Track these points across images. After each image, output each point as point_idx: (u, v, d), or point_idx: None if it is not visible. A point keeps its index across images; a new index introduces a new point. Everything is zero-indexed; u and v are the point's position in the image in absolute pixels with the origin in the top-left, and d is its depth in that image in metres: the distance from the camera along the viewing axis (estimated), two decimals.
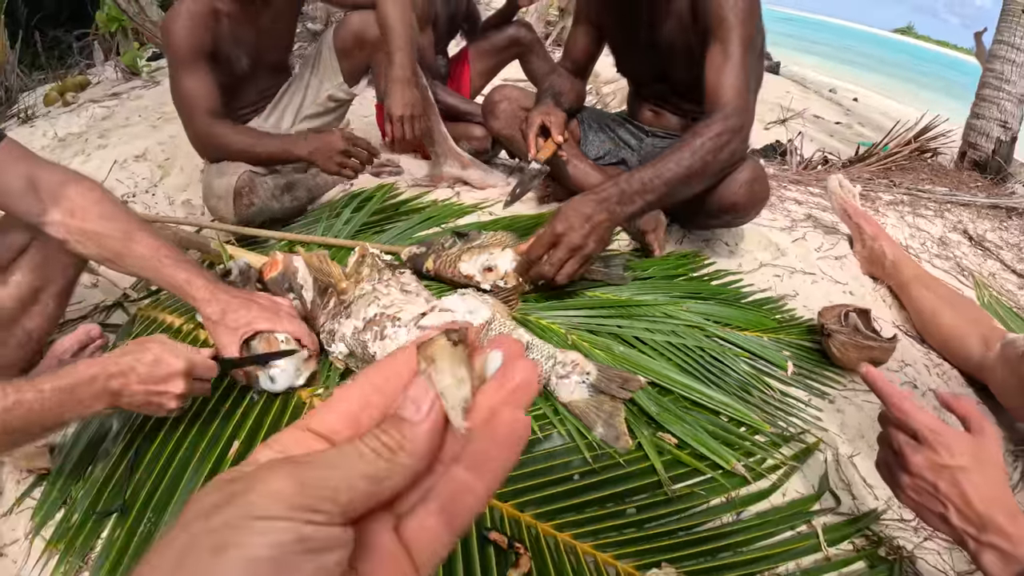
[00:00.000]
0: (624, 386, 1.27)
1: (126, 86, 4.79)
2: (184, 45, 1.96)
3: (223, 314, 1.26)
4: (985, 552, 0.85)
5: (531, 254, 1.55)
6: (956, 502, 0.87)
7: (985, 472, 0.87)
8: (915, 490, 0.90)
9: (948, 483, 0.87)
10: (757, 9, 1.78)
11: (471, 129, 2.62)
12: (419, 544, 0.30)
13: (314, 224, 2.00)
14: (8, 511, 1.18)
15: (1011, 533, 0.84)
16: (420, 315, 1.29)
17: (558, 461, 1.17)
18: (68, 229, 1.25)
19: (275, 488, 0.27)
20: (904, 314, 1.96)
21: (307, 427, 0.31)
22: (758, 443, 1.28)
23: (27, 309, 1.37)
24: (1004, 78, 4.63)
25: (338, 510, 0.28)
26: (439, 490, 0.31)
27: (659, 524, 1.09)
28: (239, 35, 2.08)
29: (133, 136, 3.31)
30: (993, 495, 0.86)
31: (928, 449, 0.89)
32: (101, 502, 1.13)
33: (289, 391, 1.29)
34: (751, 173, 1.82)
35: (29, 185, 1.23)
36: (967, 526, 0.86)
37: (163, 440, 1.22)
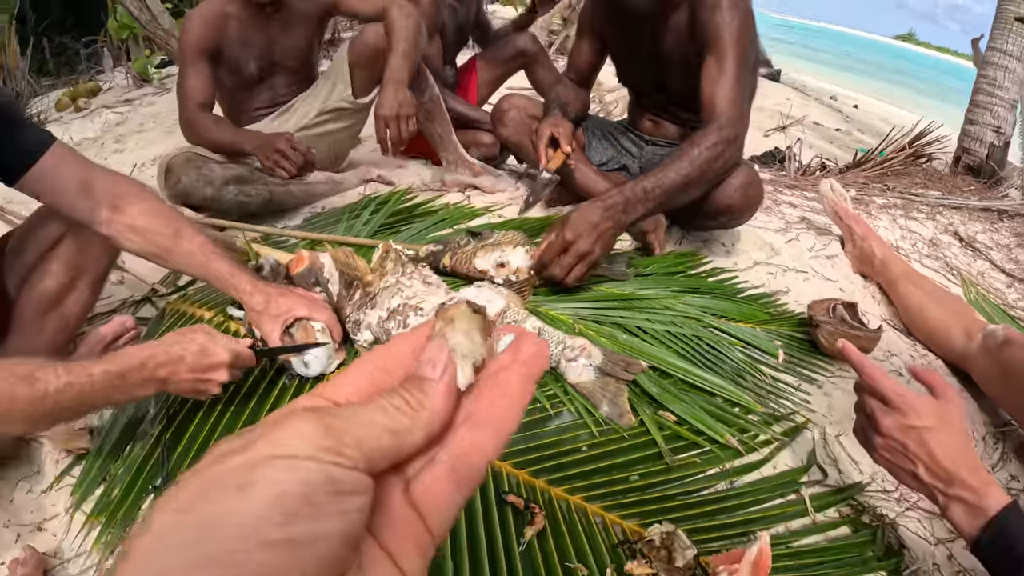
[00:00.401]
0: (627, 369, 1.39)
1: (138, 92, 4.92)
2: (190, 42, 2.18)
3: (266, 304, 1.37)
4: (952, 505, 0.96)
5: (544, 259, 1.67)
6: (924, 460, 0.98)
7: (949, 432, 0.98)
8: (887, 450, 1.02)
9: (916, 442, 0.98)
10: (751, 26, 1.90)
11: (480, 136, 2.74)
12: (430, 505, 0.31)
13: (334, 224, 2.12)
14: (48, 488, 1.27)
15: (975, 487, 0.95)
16: (440, 305, 1.41)
17: (568, 435, 1.28)
18: (119, 227, 1.35)
19: (304, 430, 0.27)
20: (892, 309, 2.06)
21: (322, 394, 0.32)
22: (751, 422, 1.40)
23: (64, 297, 1.45)
24: (997, 84, 4.73)
25: (362, 457, 0.28)
26: (448, 452, 0.32)
27: (660, 490, 1.20)
28: (248, 39, 2.26)
29: (149, 141, 3.44)
30: (957, 453, 0.97)
31: (897, 412, 1.00)
32: (141, 479, 1.23)
33: (320, 376, 1.40)
34: (745, 178, 1.94)
35: (83, 185, 1.32)
36: (935, 481, 0.97)
37: (201, 420, 1.32)
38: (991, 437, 1.61)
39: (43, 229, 1.45)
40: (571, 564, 1.04)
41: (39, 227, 1.45)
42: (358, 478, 0.27)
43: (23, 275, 1.44)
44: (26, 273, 1.44)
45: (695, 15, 1.94)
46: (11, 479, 1.29)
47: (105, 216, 1.34)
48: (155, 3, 5.02)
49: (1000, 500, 0.93)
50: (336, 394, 0.32)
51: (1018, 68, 4.73)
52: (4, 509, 1.24)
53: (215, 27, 2.20)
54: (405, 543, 0.30)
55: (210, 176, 2.09)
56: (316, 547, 0.25)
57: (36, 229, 1.45)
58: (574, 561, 1.04)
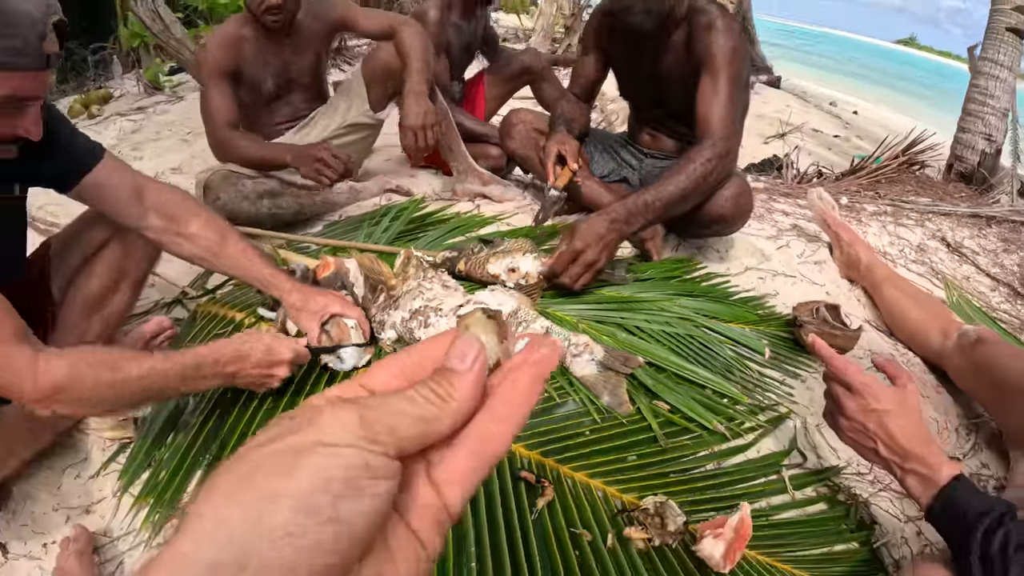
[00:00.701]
0: (626, 364, 1.55)
1: (150, 100, 5.04)
2: (211, 65, 2.32)
3: (305, 301, 1.52)
4: (908, 477, 1.10)
5: (555, 268, 1.83)
6: (883, 438, 1.12)
7: (905, 414, 1.13)
8: (851, 431, 1.17)
9: (876, 423, 1.13)
10: (743, 47, 2.07)
11: (487, 149, 2.89)
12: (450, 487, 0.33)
13: (354, 232, 2.27)
14: (96, 474, 1.39)
15: (928, 462, 1.09)
16: (458, 306, 1.57)
17: (573, 421, 1.44)
18: (167, 232, 1.48)
19: (344, 419, 0.30)
20: (877, 312, 2.21)
21: (360, 383, 0.35)
22: (738, 411, 1.55)
23: (107, 298, 1.57)
24: (989, 93, 4.87)
25: (394, 443, 0.31)
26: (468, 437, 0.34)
27: (655, 468, 1.36)
28: (265, 60, 2.42)
29: (166, 149, 3.57)
30: (912, 432, 1.11)
31: (859, 397, 1.15)
32: (186, 463, 1.35)
33: (353, 370, 1.54)
34: (736, 188, 2.10)
35: (134, 193, 1.46)
36: (893, 456, 1.12)
37: (243, 407, 1.46)
38: (964, 429, 1.76)
39: (88, 234, 1.57)
40: (576, 530, 1.19)
41: (84, 232, 1.57)
42: (388, 463, 0.30)
43: (68, 276, 1.57)
44: (71, 275, 1.57)
45: (692, 36, 2.10)
46: (58, 467, 1.41)
47: (155, 222, 1.48)
48: (167, 13, 5.13)
49: (950, 472, 1.07)
50: (371, 382, 0.35)
51: (1009, 77, 4.88)
52: (53, 494, 1.36)
53: (233, 49, 2.35)
54: (427, 521, 0.33)
55: (244, 191, 2.26)
56: (355, 523, 0.28)
57: (81, 234, 1.58)
58: (579, 528, 1.20)
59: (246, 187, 2.27)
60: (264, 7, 2.29)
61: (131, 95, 5.41)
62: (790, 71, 11.74)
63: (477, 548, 1.14)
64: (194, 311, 1.87)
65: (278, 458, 0.28)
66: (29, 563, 1.25)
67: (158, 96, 5.19)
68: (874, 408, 1.13)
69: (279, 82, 2.51)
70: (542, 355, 0.36)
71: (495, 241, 1.95)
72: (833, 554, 1.30)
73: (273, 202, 2.32)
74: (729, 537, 1.14)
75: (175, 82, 5.59)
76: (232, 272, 1.56)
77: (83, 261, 1.57)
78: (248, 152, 2.33)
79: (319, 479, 0.28)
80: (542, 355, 0.36)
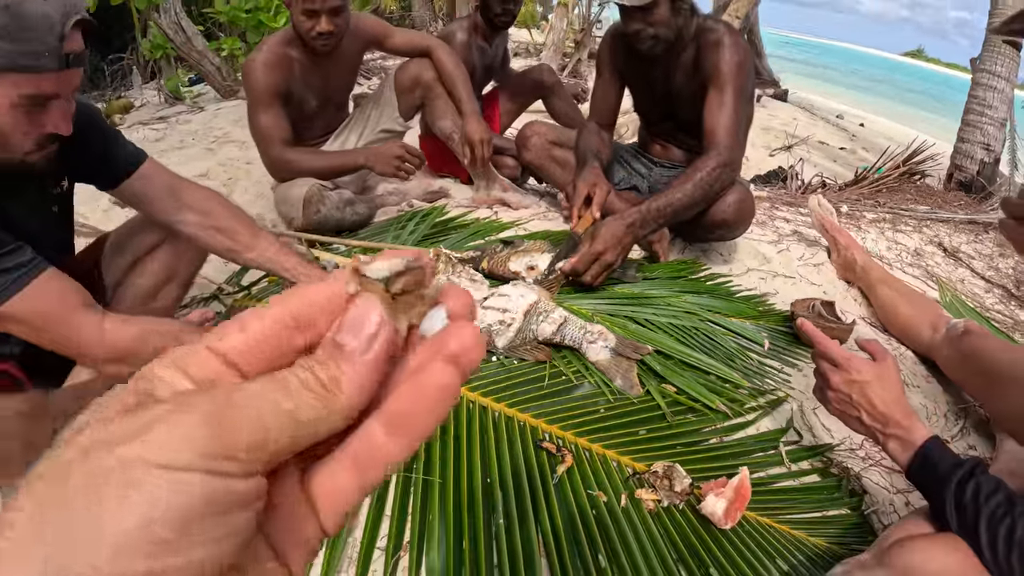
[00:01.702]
0: (636, 351, 1.71)
1: (171, 111, 5.17)
2: (261, 87, 2.40)
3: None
4: (889, 441, 1.23)
5: (578, 267, 1.99)
6: (865, 407, 1.26)
7: (884, 385, 1.26)
8: (837, 401, 1.30)
9: (858, 393, 1.26)
10: (748, 62, 2.22)
11: (503, 160, 3.07)
12: (327, 500, 0.28)
13: (382, 233, 2.44)
14: None
15: (906, 426, 1.21)
16: (483, 298, 1.73)
17: (589, 400, 1.59)
18: (201, 226, 1.62)
19: (188, 432, 0.23)
20: (872, 310, 2.35)
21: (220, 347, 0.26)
22: (740, 394, 1.69)
23: (157, 294, 1.71)
24: (987, 104, 4.99)
25: (260, 458, 0.24)
26: (353, 442, 0.28)
27: (664, 442, 1.51)
28: (308, 80, 2.52)
29: (191, 158, 3.70)
30: (892, 400, 1.24)
31: (843, 370, 1.28)
32: None
33: None
34: (739, 195, 2.25)
35: (171, 191, 1.60)
36: (875, 423, 1.25)
37: None
38: (952, 414, 1.89)
39: (143, 234, 1.71)
40: (593, 492, 1.33)
41: (139, 232, 1.71)
42: (249, 486, 0.24)
43: (121, 273, 1.70)
44: (125, 269, 1.70)
45: (700, 54, 2.26)
46: None
47: (191, 217, 1.61)
48: (189, 25, 5.27)
49: (925, 434, 1.19)
50: (236, 344, 0.26)
51: (1007, 88, 5.00)
52: None
53: (281, 70, 2.43)
54: (295, 539, 0.28)
55: (335, 201, 2.43)
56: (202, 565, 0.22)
57: (135, 234, 1.72)
58: (596, 490, 1.34)
59: (333, 198, 2.42)
60: (316, 32, 2.34)
61: (152, 105, 5.56)
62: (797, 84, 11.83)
63: (504, 506, 1.28)
64: (230, 306, 2.02)
65: (103, 479, 0.22)
66: None
67: (179, 106, 5.33)
68: (856, 379, 1.26)
69: (320, 100, 2.62)
70: (462, 346, 0.28)
71: (515, 242, 2.11)
72: (827, 518, 1.43)
73: (352, 209, 2.49)
74: (730, 496, 1.28)
75: (195, 93, 5.74)
76: (261, 263, 1.70)
77: (135, 260, 1.71)
78: (316, 164, 2.49)
79: (153, 516, 0.21)
80: (462, 346, 0.28)
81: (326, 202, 2.40)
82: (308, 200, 2.37)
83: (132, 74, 6.95)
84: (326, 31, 2.34)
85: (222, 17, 5.36)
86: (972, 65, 5.30)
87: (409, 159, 2.45)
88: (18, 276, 1.20)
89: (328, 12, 2.31)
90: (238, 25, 5.51)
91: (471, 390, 1.58)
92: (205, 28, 6.02)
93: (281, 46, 2.45)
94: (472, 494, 1.30)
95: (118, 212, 2.88)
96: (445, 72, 2.63)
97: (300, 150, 2.53)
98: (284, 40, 2.46)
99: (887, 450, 1.23)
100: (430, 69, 2.66)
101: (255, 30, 5.36)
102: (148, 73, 7.08)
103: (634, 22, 2.22)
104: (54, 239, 1.47)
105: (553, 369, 1.67)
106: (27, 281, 1.20)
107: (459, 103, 2.65)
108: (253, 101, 2.44)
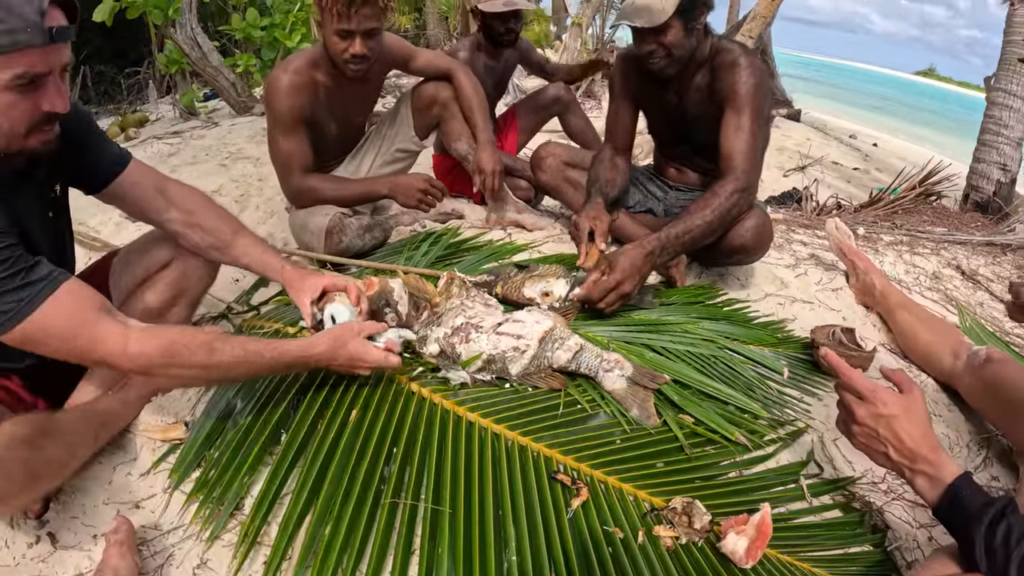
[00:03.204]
0: (653, 380, 1.67)
1: (186, 125, 5.21)
2: (285, 111, 2.33)
3: (300, 279, 1.68)
4: (917, 478, 1.19)
5: (593, 296, 1.96)
6: (892, 442, 1.21)
7: (912, 419, 1.22)
8: (863, 436, 1.26)
9: (885, 428, 1.22)
10: (765, 83, 2.20)
11: (517, 182, 3.06)
12: None
13: (395, 255, 2.42)
14: (146, 472, 1.47)
15: (935, 462, 1.17)
16: (497, 324, 1.70)
17: (605, 431, 1.56)
18: (186, 224, 1.64)
19: None
20: (891, 336, 2.31)
21: None
22: (759, 425, 1.66)
23: (166, 312, 1.70)
24: (1003, 123, 4.94)
25: None
26: None
27: (681, 475, 1.47)
28: (331, 103, 2.47)
29: (204, 173, 3.71)
30: (920, 436, 1.20)
31: (869, 404, 1.24)
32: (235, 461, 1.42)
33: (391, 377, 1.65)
34: (757, 220, 2.21)
35: (158, 190, 1.62)
36: (902, 459, 1.21)
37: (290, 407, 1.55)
38: (975, 444, 1.85)
39: (152, 252, 1.71)
40: (609, 528, 1.30)
41: (148, 249, 1.71)
42: None
43: (128, 291, 1.69)
44: (132, 289, 1.70)
45: (716, 75, 2.24)
46: (108, 464, 1.49)
47: (175, 215, 1.63)
48: (205, 41, 5.31)
49: (954, 471, 1.15)
50: None
51: (1023, 107, 4.96)
52: (104, 488, 1.44)
53: (306, 95, 2.35)
54: None
55: (355, 229, 2.41)
56: None
57: (144, 252, 1.71)
58: (612, 526, 1.30)
59: (353, 225, 2.40)
60: (350, 54, 2.25)
61: (166, 119, 5.61)
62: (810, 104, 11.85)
63: (516, 541, 1.25)
64: (240, 325, 1.99)
65: None
66: (79, 554, 1.32)
67: (194, 121, 5.38)
68: (883, 413, 1.22)
69: (340, 124, 2.58)
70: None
71: (530, 266, 2.09)
72: (849, 555, 1.39)
73: (371, 235, 2.48)
74: (751, 534, 1.24)
75: (210, 108, 5.78)
76: (245, 260, 1.71)
77: (145, 277, 1.70)
78: (339, 194, 2.47)
79: None
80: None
81: (347, 231, 2.38)
82: (330, 231, 2.35)
83: (148, 88, 7.03)
84: (360, 54, 2.25)
85: (238, 33, 5.39)
86: (986, 84, 5.27)
87: (433, 192, 2.44)
88: (39, 291, 1.20)
89: (363, 34, 2.23)
90: (253, 42, 5.55)
91: (483, 416, 1.55)
92: (221, 44, 6.07)
93: (308, 69, 2.36)
94: (483, 527, 1.27)
95: (129, 227, 2.88)
96: (464, 96, 2.62)
97: (321, 177, 2.50)
98: (311, 62, 2.37)
99: (914, 487, 1.20)
100: (447, 88, 2.65)
101: (270, 47, 5.40)
102: (163, 87, 7.15)
103: (646, 43, 2.21)
104: (50, 244, 1.45)
105: (568, 398, 1.64)
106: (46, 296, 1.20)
107: (475, 130, 2.65)
108: (275, 124, 2.38)
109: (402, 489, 1.35)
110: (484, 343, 1.68)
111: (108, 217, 2.94)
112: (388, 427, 1.49)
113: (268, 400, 1.57)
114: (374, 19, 2.22)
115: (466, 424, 1.53)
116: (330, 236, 2.35)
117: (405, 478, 1.37)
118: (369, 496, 1.32)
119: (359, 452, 1.41)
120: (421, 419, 1.53)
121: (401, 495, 1.33)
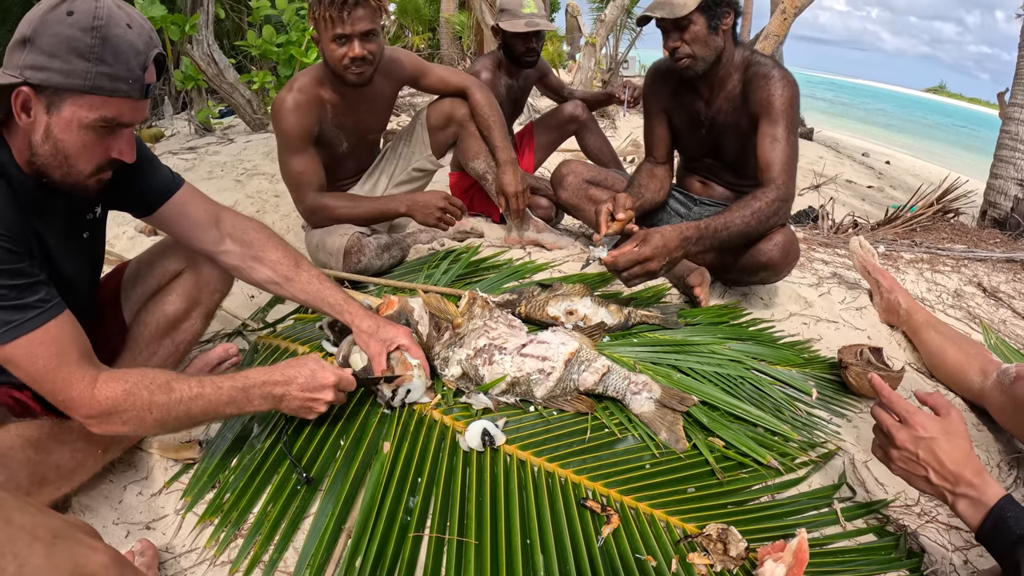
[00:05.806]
0: (682, 402, 1.64)
1: (201, 141, 5.23)
2: (292, 131, 2.33)
3: (376, 329, 1.62)
4: (959, 501, 1.17)
5: (619, 263, 1.96)
6: (933, 465, 1.19)
7: (952, 442, 1.19)
8: (902, 460, 1.24)
9: (925, 451, 1.20)
10: (798, 97, 2.20)
11: (537, 200, 3.04)
12: None
13: (414, 273, 2.41)
14: (158, 492, 1.44)
15: (977, 484, 1.15)
16: (521, 345, 1.68)
17: (633, 455, 1.53)
18: (243, 257, 1.59)
19: None
20: (917, 355, 2.28)
21: None
22: (789, 448, 1.62)
23: (179, 324, 1.67)
24: (1019, 139, 4.92)
25: None
26: None
27: (713, 500, 1.44)
28: (341, 121, 2.47)
29: (220, 189, 3.71)
30: (961, 458, 1.18)
31: (908, 427, 1.22)
32: (253, 485, 1.40)
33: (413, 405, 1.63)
34: (785, 236, 2.20)
35: (212, 219, 1.57)
36: (943, 483, 1.19)
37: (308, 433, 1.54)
38: (1006, 464, 1.81)
39: (164, 263, 1.68)
40: (641, 556, 1.27)
41: (159, 260, 1.68)
42: None
43: (141, 301, 1.67)
44: (144, 300, 1.67)
45: (748, 86, 2.24)
46: (119, 483, 1.46)
47: (232, 247, 1.59)
48: (221, 58, 5.34)
49: (997, 494, 1.13)
50: None
51: None
52: (113, 508, 1.40)
53: (313, 113, 2.36)
54: None
55: (373, 249, 2.40)
56: None
57: (155, 263, 1.69)
58: (644, 554, 1.27)
59: (372, 245, 2.39)
60: (349, 58, 2.23)
61: (182, 135, 5.63)
62: (822, 122, 11.86)
63: (546, 572, 1.22)
64: (255, 343, 1.97)
65: None
66: None
67: (209, 137, 5.41)
68: (923, 436, 1.20)
69: (352, 141, 2.56)
70: None
71: (554, 285, 2.06)
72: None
73: (389, 254, 2.47)
74: (789, 561, 1.21)
75: (225, 124, 5.80)
76: (304, 296, 1.65)
77: (157, 288, 1.67)
78: (355, 212, 2.46)
79: None
80: None
81: (366, 251, 2.36)
82: (348, 251, 2.34)
83: (163, 103, 7.07)
84: (359, 56, 2.23)
85: (254, 50, 5.43)
86: (1000, 100, 5.25)
87: (452, 210, 2.43)
88: (30, 317, 1.15)
89: (359, 36, 2.21)
90: (270, 59, 5.58)
91: (508, 442, 1.53)
92: (237, 61, 6.11)
93: (312, 87, 2.37)
94: (511, 557, 1.24)
95: (143, 240, 2.88)
96: (481, 114, 2.61)
97: (336, 195, 2.49)
98: (315, 80, 2.38)
99: (956, 510, 1.18)
100: (463, 106, 2.63)
101: (287, 64, 5.43)
102: (179, 103, 7.19)
103: (671, 39, 2.23)
104: (81, 267, 1.44)
105: (595, 421, 1.61)
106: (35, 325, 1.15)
107: (495, 150, 2.64)
108: (284, 144, 2.38)
109: (426, 519, 1.32)
110: (508, 365, 1.65)
111: (122, 231, 2.93)
112: (411, 457, 1.47)
113: (288, 422, 1.55)
114: (368, 20, 2.22)
115: (490, 452, 1.50)
116: (348, 256, 2.34)
117: (430, 509, 1.34)
118: (395, 527, 1.29)
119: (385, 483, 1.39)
120: (443, 447, 1.51)
121: (426, 526, 1.30)
